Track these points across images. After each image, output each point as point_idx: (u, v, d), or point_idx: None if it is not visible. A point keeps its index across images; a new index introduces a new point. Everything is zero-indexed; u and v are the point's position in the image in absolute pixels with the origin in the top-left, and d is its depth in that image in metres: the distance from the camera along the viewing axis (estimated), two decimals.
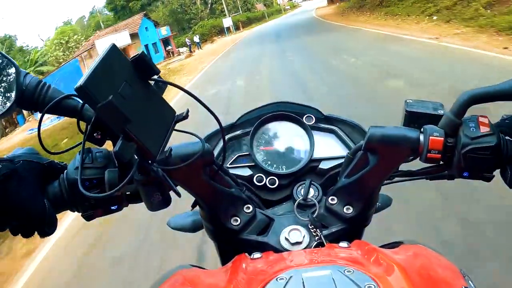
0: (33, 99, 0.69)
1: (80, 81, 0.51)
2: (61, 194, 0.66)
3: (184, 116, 0.63)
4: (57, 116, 0.74)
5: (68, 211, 0.69)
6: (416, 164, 0.75)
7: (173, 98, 9.91)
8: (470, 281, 0.63)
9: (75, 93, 0.53)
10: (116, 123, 0.53)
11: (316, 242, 0.73)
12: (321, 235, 0.73)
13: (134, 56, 0.58)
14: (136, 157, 0.59)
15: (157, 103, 0.62)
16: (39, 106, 0.69)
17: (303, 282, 0.52)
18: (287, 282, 0.53)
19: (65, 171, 0.67)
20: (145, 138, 0.56)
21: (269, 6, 77.73)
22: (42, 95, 0.69)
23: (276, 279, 0.54)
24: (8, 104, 0.68)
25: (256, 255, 0.67)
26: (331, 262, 0.59)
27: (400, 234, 2.62)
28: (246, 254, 0.68)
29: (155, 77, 0.61)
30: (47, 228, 0.65)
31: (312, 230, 0.74)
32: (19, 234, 0.65)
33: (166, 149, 0.63)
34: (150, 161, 0.60)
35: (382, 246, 0.75)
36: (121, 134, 0.55)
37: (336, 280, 0.52)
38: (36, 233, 0.65)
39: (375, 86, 6.98)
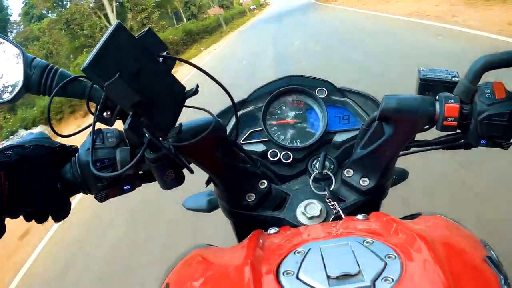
0: (41, 83, 0.68)
1: (87, 61, 0.50)
2: (74, 177, 0.66)
3: (194, 92, 0.62)
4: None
5: None
6: (432, 134, 0.74)
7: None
8: (492, 251, 0.62)
9: (82, 74, 0.52)
10: (125, 101, 0.52)
11: (334, 216, 0.72)
12: (339, 208, 0.72)
13: (141, 33, 0.57)
14: (147, 135, 0.59)
15: (166, 80, 0.61)
16: (47, 90, 0.69)
17: (321, 254, 0.51)
18: (305, 255, 0.52)
19: (77, 153, 0.67)
20: (155, 115, 0.56)
21: (227, 7, 55.24)
22: (50, 79, 0.69)
23: (294, 253, 0.53)
24: (16, 89, 0.68)
25: (273, 230, 0.66)
26: (350, 234, 0.58)
27: None
28: (262, 230, 0.68)
29: (163, 53, 0.60)
30: (61, 212, 0.65)
31: (329, 204, 0.74)
32: (33, 220, 0.65)
33: (176, 125, 0.62)
34: (160, 138, 0.60)
35: (400, 219, 0.74)
36: (130, 111, 0.54)
37: (356, 251, 0.51)
38: (50, 217, 0.66)
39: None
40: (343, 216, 0.70)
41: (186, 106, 0.65)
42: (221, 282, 0.56)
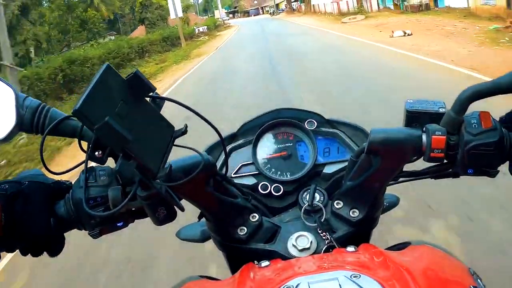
0: (33, 122, 0.70)
1: (77, 104, 0.51)
2: (68, 213, 0.66)
3: (183, 132, 0.64)
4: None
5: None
6: (421, 162, 0.75)
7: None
8: (478, 280, 0.62)
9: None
10: (115, 143, 0.53)
11: (326, 246, 0.73)
12: (331, 238, 0.73)
13: (129, 75, 0.59)
14: (138, 174, 0.60)
15: (156, 120, 0.62)
16: (40, 129, 0.70)
17: None
18: None
19: (71, 190, 0.68)
20: (145, 156, 0.57)
21: (152, 26, 37.38)
22: (42, 118, 0.70)
23: (284, 287, 0.54)
24: (9, 129, 0.69)
25: (264, 263, 0.67)
26: (338, 268, 0.59)
27: None
28: (255, 262, 0.68)
29: (152, 94, 0.61)
30: (54, 246, 0.66)
31: (322, 235, 0.74)
32: (29, 254, 0.66)
33: (166, 165, 0.63)
34: (151, 178, 0.60)
35: (390, 248, 0.75)
36: (120, 153, 0.56)
37: (343, 286, 0.52)
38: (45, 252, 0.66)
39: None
40: (336, 246, 0.71)
41: (176, 146, 0.66)
42: None
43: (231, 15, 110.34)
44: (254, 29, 37.09)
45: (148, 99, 0.62)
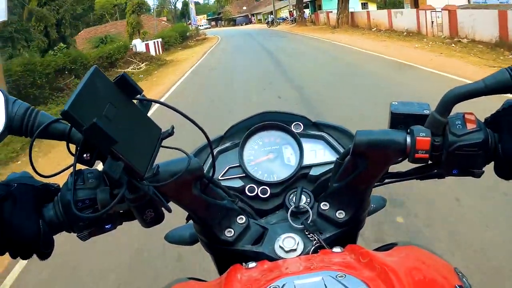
0: (22, 125, 0.70)
1: (65, 106, 0.52)
2: (56, 216, 0.67)
3: (170, 133, 0.65)
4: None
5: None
6: (406, 163, 0.74)
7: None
8: (464, 279, 0.63)
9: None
10: (103, 144, 0.54)
11: (314, 247, 0.74)
12: (319, 239, 0.74)
13: (116, 77, 0.59)
14: (125, 176, 0.60)
15: (143, 122, 0.63)
16: (29, 132, 0.70)
17: None
18: None
19: (59, 193, 0.68)
20: (132, 157, 0.58)
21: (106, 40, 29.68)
22: (31, 121, 0.70)
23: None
24: None
25: (251, 264, 0.67)
26: (324, 268, 0.60)
27: None
28: (242, 264, 0.69)
29: (139, 96, 0.62)
30: (43, 249, 0.66)
31: (309, 236, 0.75)
32: (18, 257, 0.66)
33: (153, 166, 0.64)
34: (139, 179, 0.61)
35: (376, 249, 0.76)
36: (108, 154, 0.56)
37: (328, 286, 0.53)
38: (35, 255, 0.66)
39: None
40: (325, 246, 0.72)
41: (163, 147, 0.66)
42: None
43: (213, 23, 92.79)
44: (244, 51, 20.77)
45: (135, 101, 0.62)
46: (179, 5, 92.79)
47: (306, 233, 0.75)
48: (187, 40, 34.36)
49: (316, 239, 0.74)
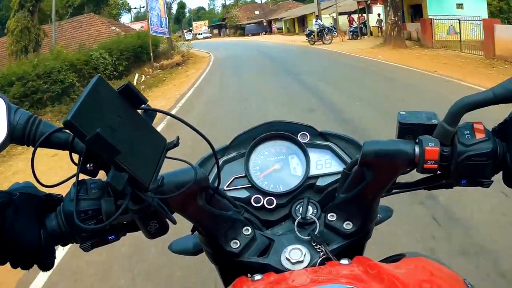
0: (24, 134, 0.69)
1: (68, 116, 0.51)
2: (59, 226, 0.66)
3: (175, 144, 0.64)
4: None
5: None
6: (413, 173, 0.71)
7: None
8: None
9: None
10: (106, 155, 0.53)
11: (321, 259, 0.72)
12: (327, 250, 0.72)
13: (121, 87, 0.59)
14: (129, 187, 0.59)
15: (147, 132, 0.62)
16: (31, 141, 0.70)
17: None
18: None
19: (62, 203, 0.67)
20: (136, 168, 0.57)
21: None
22: (33, 130, 0.70)
23: None
24: (0, 140, 0.68)
25: (257, 276, 0.66)
26: (332, 281, 0.59)
27: None
28: (248, 275, 0.68)
29: (144, 106, 0.61)
30: (44, 259, 0.65)
31: (316, 248, 0.74)
32: (19, 268, 0.65)
33: (158, 177, 0.63)
34: (143, 191, 0.60)
35: (384, 260, 0.75)
36: (112, 165, 0.55)
37: None
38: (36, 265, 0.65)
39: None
40: (332, 259, 0.71)
41: (168, 158, 0.66)
42: None
43: (216, 31, 73.48)
44: None
45: (140, 111, 0.62)
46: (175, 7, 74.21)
47: (313, 244, 0.74)
48: (144, 65, 19.61)
49: (324, 250, 0.73)
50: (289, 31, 49.89)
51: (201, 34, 60.95)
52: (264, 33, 58.58)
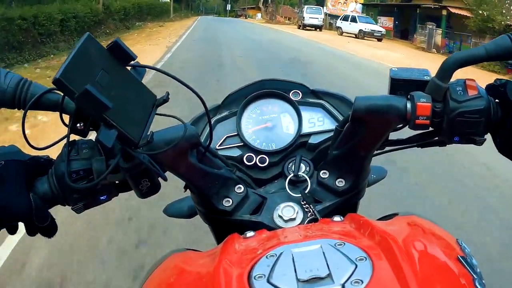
0: (15, 97, 0.68)
1: (57, 73, 0.51)
2: (50, 189, 0.65)
3: (165, 100, 0.63)
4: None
5: None
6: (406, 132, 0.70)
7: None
8: (466, 250, 0.63)
9: (55, 87, 0.53)
10: (95, 111, 0.53)
11: (310, 218, 0.73)
12: (314, 210, 0.73)
13: (109, 44, 0.58)
14: (119, 145, 0.59)
15: (137, 89, 0.61)
16: (22, 104, 0.69)
17: (293, 258, 0.52)
18: (277, 259, 0.53)
19: (53, 165, 0.67)
20: (126, 124, 0.56)
21: None
22: (23, 93, 0.68)
23: (266, 256, 0.54)
24: None
25: (249, 233, 0.66)
26: (322, 237, 0.59)
27: None
28: (239, 234, 0.68)
29: (132, 62, 0.60)
30: (38, 223, 0.65)
31: (304, 206, 0.74)
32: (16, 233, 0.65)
33: (148, 134, 0.62)
34: (133, 147, 0.60)
35: (378, 219, 0.75)
36: (101, 122, 0.55)
37: (326, 254, 0.52)
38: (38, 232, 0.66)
39: None
40: (318, 218, 0.71)
41: (158, 114, 0.65)
42: None
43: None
44: None
45: (129, 67, 0.61)
46: None
47: (303, 203, 0.75)
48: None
49: (311, 210, 0.73)
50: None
51: None
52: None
